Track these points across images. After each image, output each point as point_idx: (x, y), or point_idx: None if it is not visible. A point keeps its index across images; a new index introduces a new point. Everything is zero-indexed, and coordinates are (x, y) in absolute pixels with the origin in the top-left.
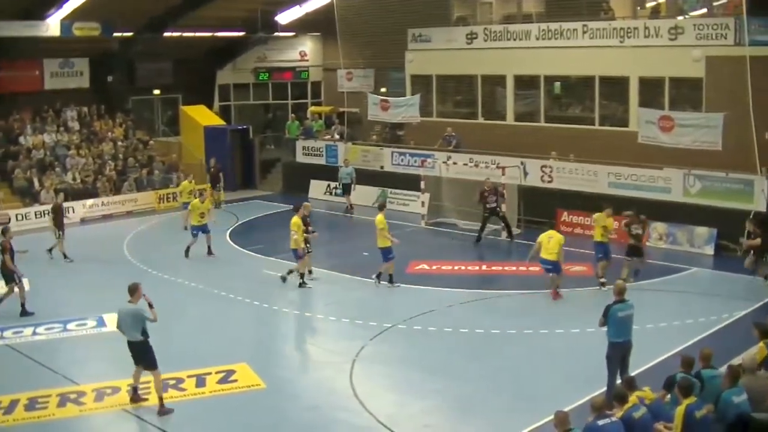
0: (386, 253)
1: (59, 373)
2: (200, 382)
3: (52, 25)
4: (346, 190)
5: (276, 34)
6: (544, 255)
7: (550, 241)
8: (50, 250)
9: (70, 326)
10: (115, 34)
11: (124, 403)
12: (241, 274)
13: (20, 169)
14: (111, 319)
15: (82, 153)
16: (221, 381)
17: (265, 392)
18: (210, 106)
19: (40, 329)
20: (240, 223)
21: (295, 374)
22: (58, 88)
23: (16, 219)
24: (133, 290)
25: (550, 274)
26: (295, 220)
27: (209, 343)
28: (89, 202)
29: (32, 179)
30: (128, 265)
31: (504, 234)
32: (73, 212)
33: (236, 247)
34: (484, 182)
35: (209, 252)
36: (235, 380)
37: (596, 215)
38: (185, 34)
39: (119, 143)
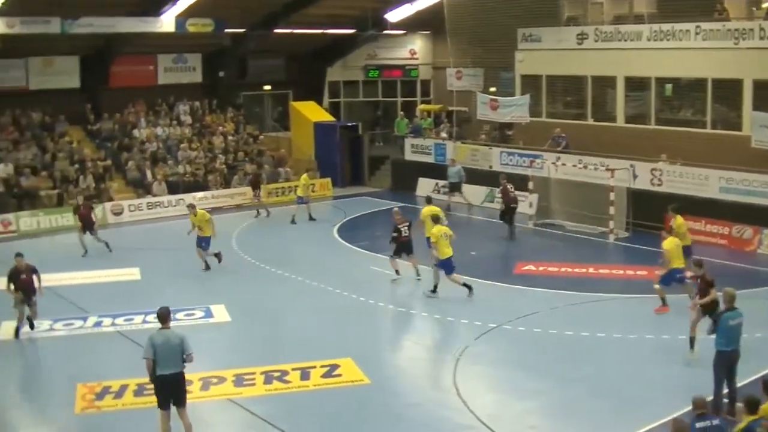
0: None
1: None
2: (305, 375)
3: (166, 22)
4: (454, 189)
5: (386, 32)
6: (677, 264)
7: (677, 249)
8: (107, 244)
9: (178, 316)
10: (228, 31)
11: (229, 393)
12: (348, 270)
13: (133, 161)
14: (218, 311)
15: (194, 146)
16: (325, 375)
17: (368, 387)
18: (320, 103)
19: (149, 317)
20: (347, 219)
21: (398, 371)
22: (172, 83)
23: (129, 210)
24: (166, 316)
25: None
26: (435, 230)
27: (314, 337)
28: (199, 194)
29: (145, 171)
30: (236, 257)
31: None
32: (184, 204)
33: (343, 242)
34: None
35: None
36: (340, 375)
37: (678, 221)
38: (296, 31)
39: (230, 137)
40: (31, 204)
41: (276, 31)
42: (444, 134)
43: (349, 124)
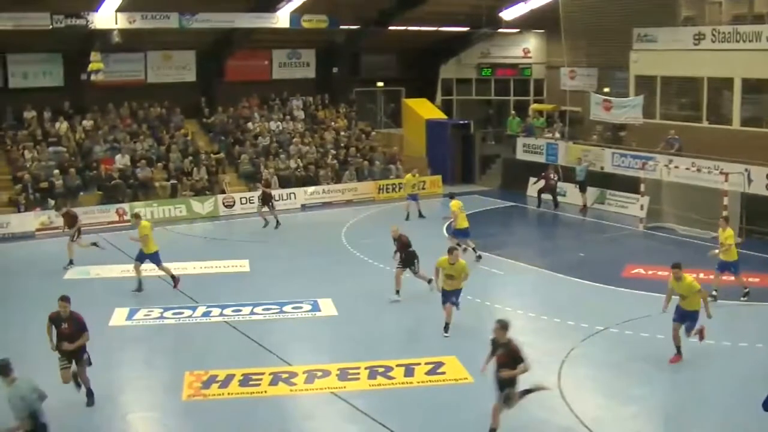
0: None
1: (273, 352)
2: (409, 371)
3: (281, 18)
4: (582, 188)
5: (500, 30)
6: None
7: None
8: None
9: (286, 309)
10: (341, 27)
11: (333, 386)
12: None
13: (246, 155)
14: (325, 304)
15: (306, 141)
16: (429, 372)
17: (471, 386)
18: (432, 100)
19: (257, 309)
20: None
21: None
22: (286, 78)
23: (240, 203)
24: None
25: None
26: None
27: (420, 333)
28: (310, 189)
29: (257, 165)
30: (345, 252)
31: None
32: (294, 198)
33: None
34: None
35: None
36: (443, 372)
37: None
38: (410, 29)
39: (341, 133)
40: (146, 194)
41: (390, 28)
42: (556, 134)
43: (461, 122)
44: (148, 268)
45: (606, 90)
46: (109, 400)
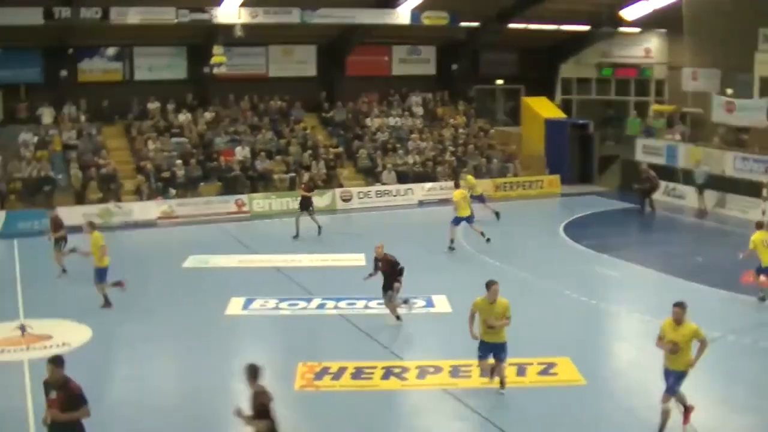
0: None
1: (386, 347)
2: (521, 371)
3: (402, 14)
4: (701, 190)
5: (621, 29)
6: None
7: None
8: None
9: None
10: (462, 24)
11: (444, 383)
12: (572, 269)
13: (364, 150)
14: (439, 301)
15: (424, 137)
16: (542, 372)
17: (583, 388)
18: (551, 99)
19: (371, 303)
20: (575, 217)
21: (615, 373)
22: (405, 74)
23: (358, 197)
24: None
25: None
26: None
27: (534, 333)
28: (427, 185)
29: (375, 160)
30: (461, 249)
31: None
32: (412, 194)
33: (569, 240)
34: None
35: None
36: (556, 373)
37: None
38: (530, 26)
39: (460, 130)
40: (265, 186)
41: (510, 25)
42: (677, 136)
43: (580, 121)
44: (263, 260)
45: (729, 92)
46: (224, 388)
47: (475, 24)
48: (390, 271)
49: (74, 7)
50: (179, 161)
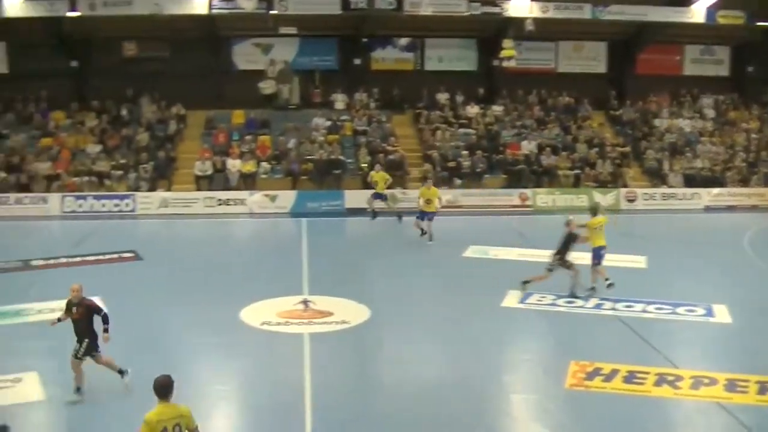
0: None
1: (661, 352)
2: (763, 389)
3: (696, 12)
4: None
5: None
6: None
7: None
8: None
9: (678, 310)
10: (759, 24)
11: (718, 396)
12: None
13: (652, 150)
14: (720, 311)
15: (714, 141)
16: None
17: None
18: None
19: (650, 308)
20: None
21: None
22: (697, 75)
23: (643, 198)
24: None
25: None
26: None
27: None
28: (715, 190)
29: (662, 161)
30: (746, 259)
31: None
32: (699, 198)
33: None
34: None
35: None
36: None
37: None
38: None
39: (753, 135)
40: (549, 182)
41: None
42: None
43: None
44: (543, 255)
45: None
46: (495, 379)
47: None
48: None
49: None
50: (465, 152)
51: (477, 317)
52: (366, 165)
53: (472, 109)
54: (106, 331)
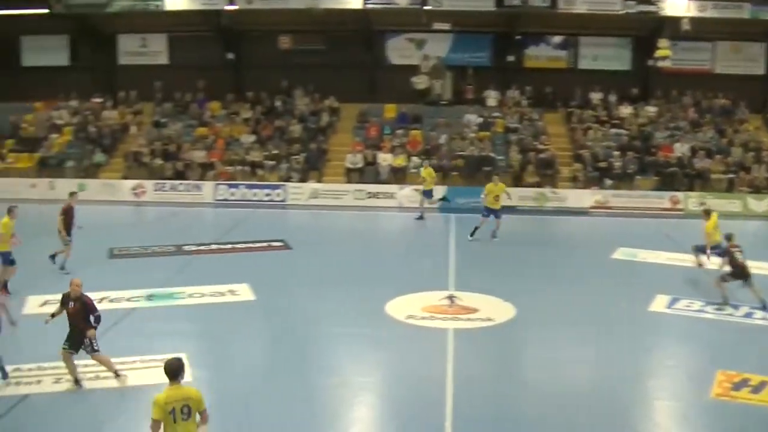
0: None
1: None
2: None
3: None
4: None
5: None
6: None
7: None
8: (53, 257)
9: None
10: None
11: None
12: None
13: None
14: None
15: None
16: None
17: None
18: None
19: None
20: None
21: None
22: None
23: None
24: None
25: None
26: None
27: None
28: None
29: None
30: None
31: None
32: None
33: None
34: None
35: None
36: None
37: None
38: None
39: None
40: (702, 185)
41: None
42: None
43: None
44: (693, 259)
45: None
46: (639, 383)
47: None
48: None
49: None
50: (617, 152)
51: (623, 321)
52: (517, 162)
53: (625, 109)
54: (95, 328)
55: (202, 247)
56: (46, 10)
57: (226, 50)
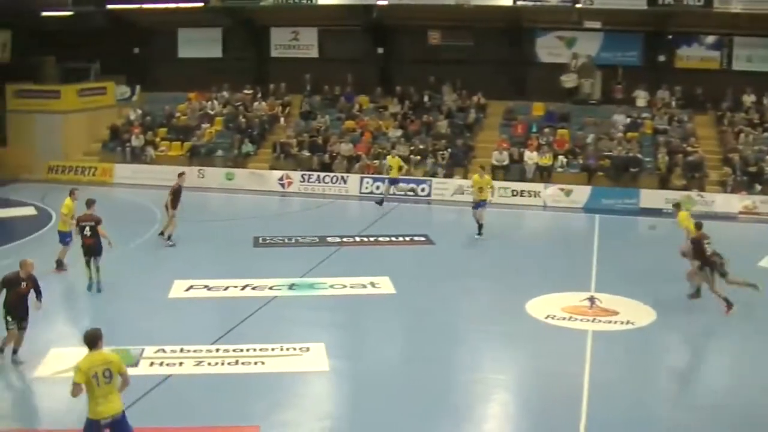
0: None
1: None
2: None
3: None
4: None
5: None
6: None
7: None
8: (161, 234)
9: None
10: None
11: None
12: None
13: None
14: None
15: None
16: None
17: None
18: None
19: None
20: None
21: None
22: None
23: None
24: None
25: None
26: None
27: None
28: None
29: None
30: None
31: None
32: None
33: None
34: None
35: None
36: None
37: None
38: None
39: None
40: None
41: None
42: None
43: None
44: None
45: None
46: None
47: None
48: None
49: None
50: None
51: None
52: (664, 164)
53: None
54: (39, 301)
55: (345, 239)
56: (201, 4)
57: (375, 45)
